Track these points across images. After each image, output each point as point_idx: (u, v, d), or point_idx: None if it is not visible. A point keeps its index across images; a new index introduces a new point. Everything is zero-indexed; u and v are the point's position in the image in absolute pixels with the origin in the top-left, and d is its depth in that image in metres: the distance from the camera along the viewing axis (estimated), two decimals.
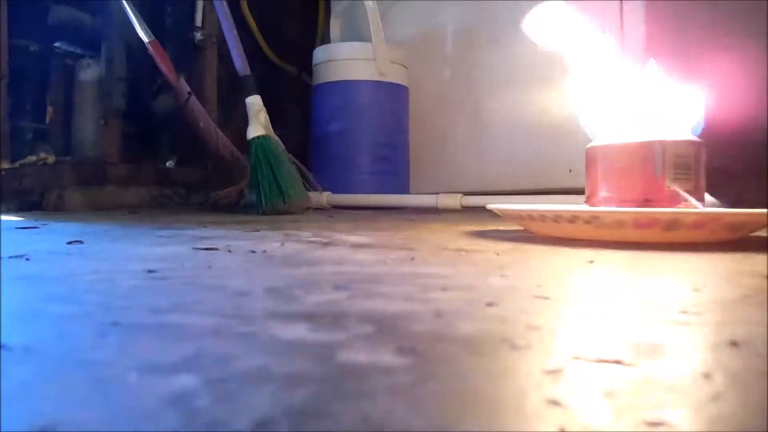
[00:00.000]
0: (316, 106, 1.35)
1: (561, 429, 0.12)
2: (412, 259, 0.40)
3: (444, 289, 0.28)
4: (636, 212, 0.48)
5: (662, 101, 0.57)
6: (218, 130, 1.22)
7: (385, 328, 0.21)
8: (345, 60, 1.32)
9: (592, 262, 0.39)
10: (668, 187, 0.52)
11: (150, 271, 0.34)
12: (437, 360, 0.17)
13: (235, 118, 1.37)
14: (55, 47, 1.26)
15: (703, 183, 0.54)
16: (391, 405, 0.14)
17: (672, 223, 0.47)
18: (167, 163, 1.43)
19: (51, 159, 1.17)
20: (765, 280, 0.32)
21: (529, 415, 0.13)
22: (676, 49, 1.11)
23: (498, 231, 0.64)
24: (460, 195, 1.12)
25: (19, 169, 1.11)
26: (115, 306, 0.25)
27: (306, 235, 0.59)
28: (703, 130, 0.56)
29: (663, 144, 0.53)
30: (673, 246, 0.46)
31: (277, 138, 1.12)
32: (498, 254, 0.43)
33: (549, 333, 0.20)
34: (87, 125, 1.31)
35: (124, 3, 1.13)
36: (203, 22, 1.40)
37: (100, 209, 1.16)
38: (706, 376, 0.16)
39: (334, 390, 0.15)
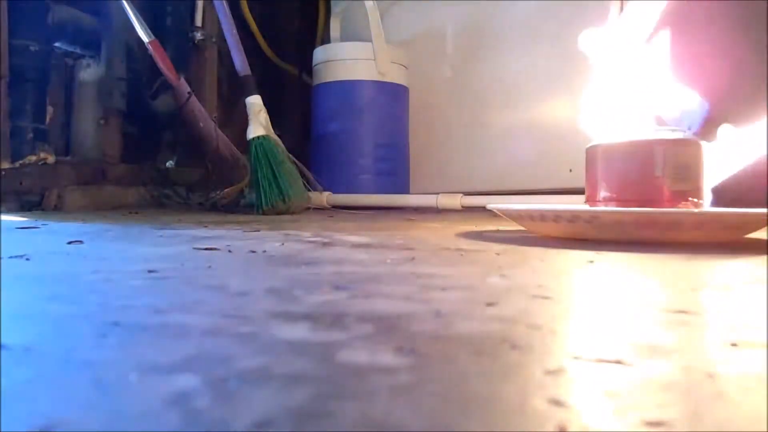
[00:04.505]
0: (316, 106, 1.35)
1: (561, 429, 0.12)
2: (412, 259, 0.40)
3: (444, 289, 0.28)
4: (636, 212, 0.48)
5: (662, 100, 0.57)
6: (218, 130, 1.22)
7: (385, 328, 0.21)
8: (345, 60, 1.32)
9: (592, 262, 0.39)
10: (668, 187, 0.52)
11: (150, 271, 0.34)
12: (437, 360, 0.17)
13: (235, 118, 1.37)
14: (55, 47, 1.26)
15: (702, 183, 0.54)
16: (391, 405, 0.14)
17: (672, 223, 0.47)
18: (167, 163, 1.43)
19: (51, 159, 1.17)
20: (765, 281, 0.32)
21: (530, 415, 0.13)
22: (676, 48, 1.11)
23: (498, 231, 0.64)
24: (460, 195, 1.12)
25: (19, 169, 1.11)
26: (115, 306, 0.25)
27: (306, 235, 0.59)
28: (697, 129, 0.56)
29: (663, 144, 0.53)
30: (673, 246, 0.46)
31: (277, 138, 1.12)
32: (498, 254, 0.43)
33: (549, 333, 0.20)
34: (87, 125, 1.31)
35: (124, 3, 1.13)
36: (203, 22, 1.40)
37: (100, 209, 1.16)
38: (706, 376, 0.16)
39: (334, 390, 0.15)
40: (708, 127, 0.57)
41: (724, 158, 0.56)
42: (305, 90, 1.52)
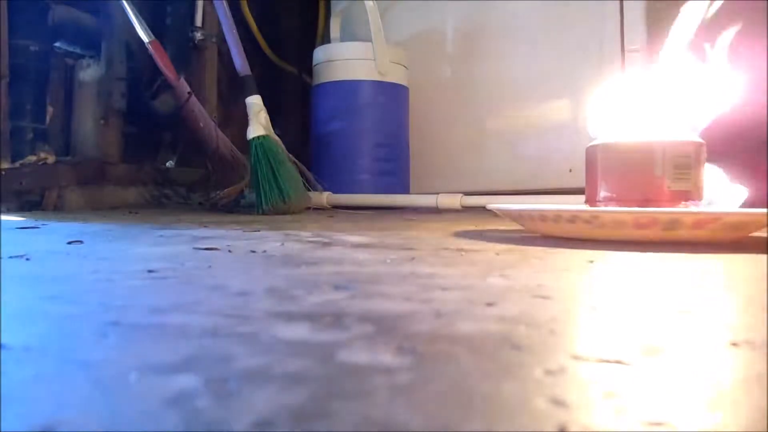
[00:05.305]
0: (316, 106, 1.35)
1: (561, 429, 0.12)
2: (412, 259, 0.40)
3: (444, 289, 0.28)
4: (636, 212, 0.48)
5: (664, 101, 0.57)
6: (218, 130, 1.22)
7: (385, 328, 0.21)
8: (345, 60, 1.32)
9: (592, 262, 0.39)
10: (668, 187, 0.52)
11: (150, 271, 0.34)
12: (437, 360, 0.17)
13: (235, 118, 1.37)
14: (55, 47, 1.26)
15: (703, 183, 0.54)
16: (391, 405, 0.14)
17: (672, 223, 0.47)
18: (167, 163, 1.43)
19: (51, 159, 1.17)
20: (765, 281, 0.32)
21: (530, 414, 0.13)
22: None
23: (498, 231, 0.64)
24: (460, 195, 1.12)
25: (19, 169, 1.11)
26: (115, 306, 0.25)
27: (306, 235, 0.59)
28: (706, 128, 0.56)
29: (663, 144, 0.53)
30: (673, 246, 0.46)
31: (277, 138, 1.12)
32: (498, 254, 0.43)
33: (549, 333, 0.20)
34: (87, 125, 1.31)
35: (124, 3, 1.13)
36: (203, 22, 1.40)
37: (100, 209, 1.16)
38: (707, 375, 0.16)
39: (334, 390, 0.15)
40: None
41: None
42: (305, 90, 1.52)
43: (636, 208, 0.49)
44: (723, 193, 0.55)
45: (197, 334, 0.20)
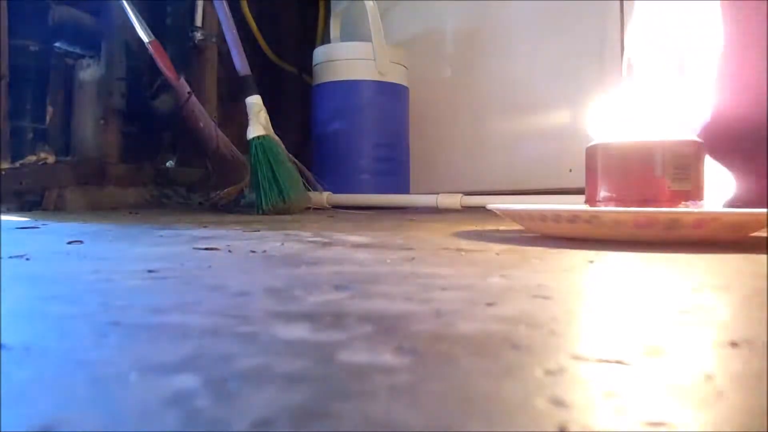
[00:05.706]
0: (316, 106, 1.35)
1: (561, 429, 0.12)
2: (412, 259, 0.40)
3: (444, 289, 0.28)
4: (636, 212, 0.48)
5: (663, 102, 0.57)
6: (218, 130, 1.22)
7: (385, 328, 0.21)
8: (345, 60, 1.32)
9: (592, 262, 0.39)
10: (668, 187, 0.52)
11: (150, 271, 0.34)
12: (437, 360, 0.17)
13: (235, 118, 1.37)
14: (55, 47, 1.26)
15: (703, 183, 0.54)
16: (391, 405, 0.14)
17: (672, 223, 0.47)
18: (167, 163, 1.43)
19: (51, 159, 1.17)
20: (765, 281, 0.32)
21: (530, 415, 0.13)
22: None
23: (498, 231, 0.64)
24: (460, 195, 1.12)
25: (19, 169, 1.11)
26: (115, 306, 0.25)
27: (306, 235, 0.59)
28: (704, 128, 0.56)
29: (663, 144, 0.53)
30: (673, 246, 0.46)
31: (277, 138, 1.12)
32: (498, 254, 0.43)
33: (549, 333, 0.20)
34: (87, 125, 1.31)
35: (124, 3, 1.13)
36: (203, 22, 1.40)
37: (100, 209, 1.16)
38: (707, 376, 0.16)
39: (334, 390, 0.15)
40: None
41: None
42: (305, 90, 1.52)
43: (636, 208, 0.49)
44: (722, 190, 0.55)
45: (197, 334, 0.20)
